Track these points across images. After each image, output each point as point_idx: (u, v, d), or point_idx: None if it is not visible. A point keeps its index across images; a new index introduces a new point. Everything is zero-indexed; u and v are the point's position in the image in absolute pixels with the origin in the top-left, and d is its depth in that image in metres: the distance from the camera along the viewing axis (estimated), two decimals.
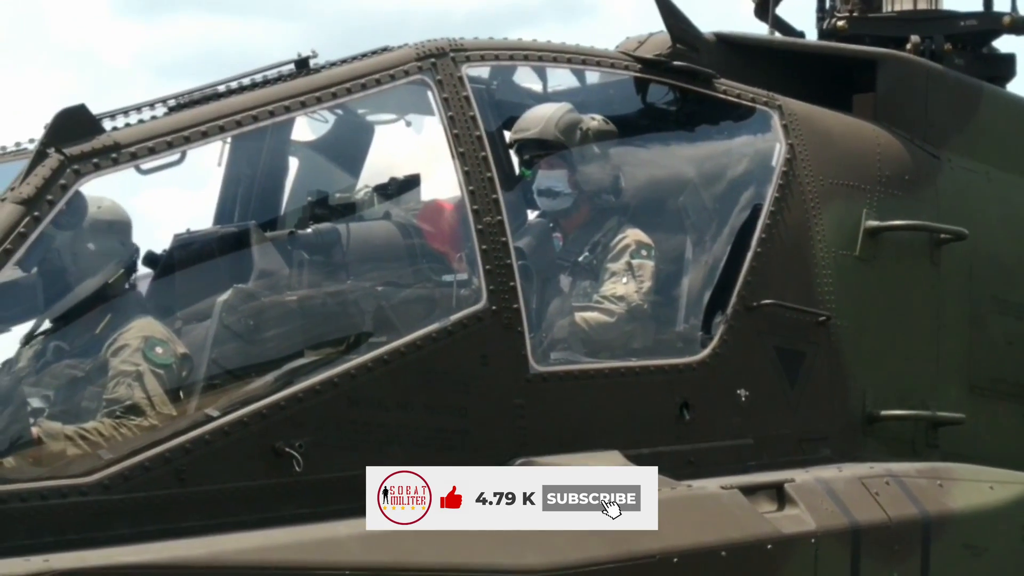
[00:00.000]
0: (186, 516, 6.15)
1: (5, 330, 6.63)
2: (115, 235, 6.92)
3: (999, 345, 8.69)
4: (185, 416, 6.38)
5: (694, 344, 7.62)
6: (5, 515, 5.87)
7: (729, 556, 6.95)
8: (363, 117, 8.14)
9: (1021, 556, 7.85)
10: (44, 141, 6.44)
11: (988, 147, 8.90)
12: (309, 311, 6.91)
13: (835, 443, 7.86)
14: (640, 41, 8.29)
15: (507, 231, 7.07)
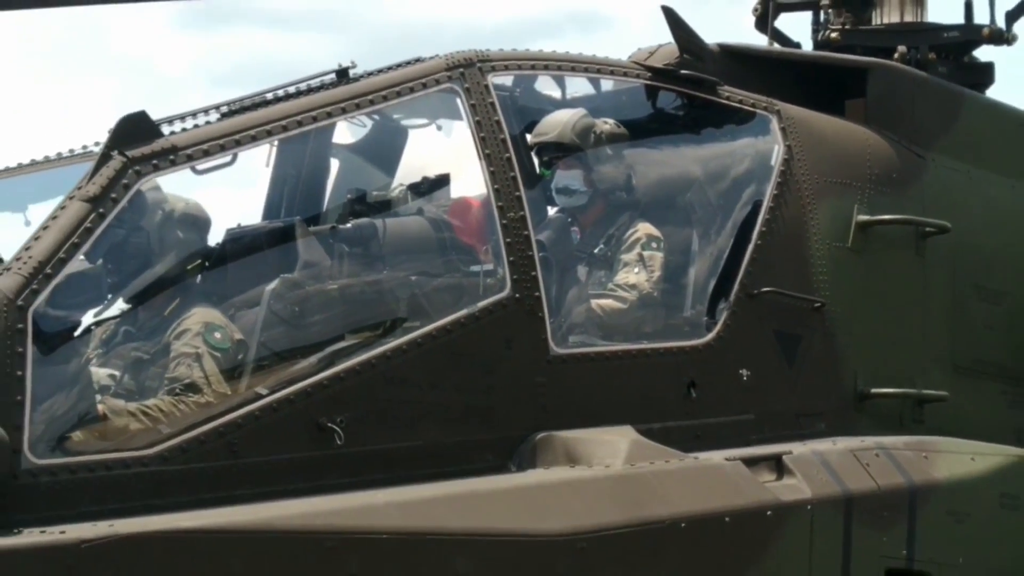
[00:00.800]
0: (238, 485, 6.17)
1: (74, 317, 6.63)
2: (196, 230, 6.97)
3: (979, 329, 8.67)
4: (238, 394, 6.40)
5: (700, 328, 7.62)
6: (74, 484, 5.92)
7: (732, 521, 6.96)
8: (398, 122, 8.14)
9: (1000, 521, 7.83)
10: (108, 144, 6.47)
11: (969, 148, 8.88)
12: (349, 298, 6.93)
13: (829, 418, 7.86)
14: (650, 51, 8.26)
15: (529, 225, 7.08)
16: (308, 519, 6.12)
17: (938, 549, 7.57)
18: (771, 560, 7.07)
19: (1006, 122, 9.36)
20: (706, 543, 6.89)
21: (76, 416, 6.20)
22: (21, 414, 5.85)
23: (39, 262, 6.09)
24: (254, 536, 6.01)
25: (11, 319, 5.93)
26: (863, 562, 7.31)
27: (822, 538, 7.19)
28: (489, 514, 6.50)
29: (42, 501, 5.82)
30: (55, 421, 6.09)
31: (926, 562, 7.52)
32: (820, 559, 7.19)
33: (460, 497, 6.51)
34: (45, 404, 6.04)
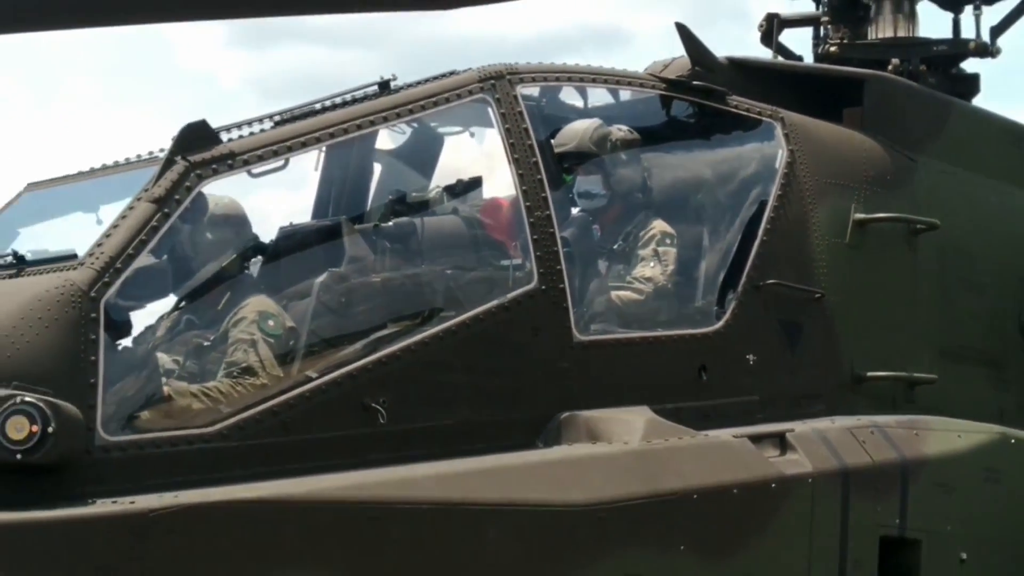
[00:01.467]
0: (290, 460, 6.20)
1: (141, 307, 6.67)
2: (231, 227, 6.98)
3: (964, 317, 8.64)
4: (290, 377, 6.43)
5: (710, 317, 7.61)
6: (142, 459, 5.97)
7: (740, 493, 6.97)
8: (434, 129, 8.15)
9: (983, 493, 7.82)
10: (172, 150, 6.52)
11: (956, 152, 8.84)
12: (391, 290, 6.95)
13: (828, 399, 7.84)
14: (665, 64, 8.25)
15: (554, 224, 7.08)
16: (354, 491, 6.15)
17: (928, 519, 7.56)
18: (775, 528, 7.08)
19: (990, 128, 9.33)
20: (716, 513, 6.89)
21: (143, 397, 6.26)
22: (94, 395, 5.90)
23: (110, 257, 6.14)
24: (305, 506, 6.04)
25: (85, 309, 5.97)
26: (859, 530, 7.30)
27: (822, 508, 7.18)
28: (518, 486, 6.52)
29: (113, 474, 5.86)
30: (125, 402, 6.14)
31: (917, 530, 7.51)
32: (820, 528, 7.19)
33: (491, 471, 6.53)
34: (115, 386, 6.09)
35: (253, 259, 7.10)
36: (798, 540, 7.13)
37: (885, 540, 7.41)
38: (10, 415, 5.62)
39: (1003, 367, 8.86)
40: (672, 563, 6.74)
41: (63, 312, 5.96)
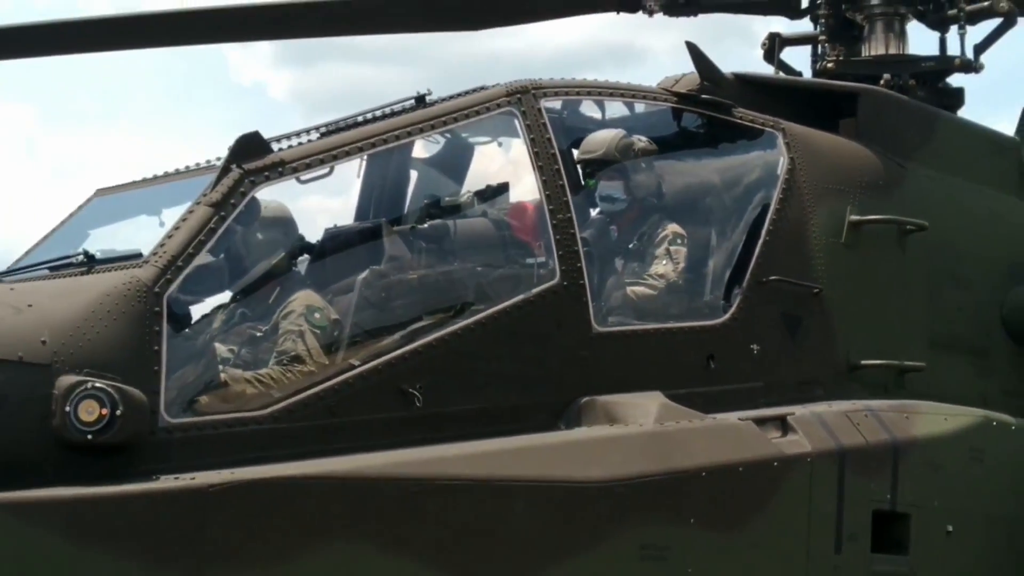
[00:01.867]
0: (335, 440, 6.22)
1: (200, 301, 6.70)
2: (280, 229, 7.01)
3: (951, 310, 8.62)
4: (334, 365, 6.45)
5: (717, 310, 7.60)
6: (201, 439, 6.00)
7: (745, 471, 6.97)
8: (465, 139, 8.13)
9: (968, 471, 7.79)
10: (228, 159, 6.54)
11: (943, 159, 8.82)
12: (426, 286, 6.96)
13: (825, 386, 7.82)
14: (676, 80, 8.24)
15: (575, 225, 7.08)
16: (393, 468, 6.17)
17: (917, 494, 7.54)
18: (777, 503, 7.07)
19: (974, 138, 9.30)
20: (723, 489, 6.89)
21: (202, 383, 6.28)
22: (158, 381, 5.93)
23: (172, 256, 6.17)
24: (348, 482, 6.07)
25: (149, 303, 6.01)
26: (854, 505, 7.29)
27: (820, 485, 7.17)
28: (542, 464, 6.53)
29: (175, 453, 5.91)
30: (185, 387, 6.16)
31: (907, 505, 7.49)
32: (818, 502, 7.18)
33: (517, 450, 6.54)
34: (177, 373, 6.12)
35: (301, 258, 7.13)
36: (798, 514, 7.12)
37: (878, 514, 7.39)
38: (82, 399, 5.66)
39: (986, 356, 8.83)
40: (682, 535, 6.75)
41: (129, 306, 5.99)
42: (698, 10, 9.52)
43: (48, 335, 5.81)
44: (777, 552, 7.06)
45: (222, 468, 5.88)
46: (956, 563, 7.66)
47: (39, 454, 5.66)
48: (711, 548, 6.82)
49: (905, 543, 7.48)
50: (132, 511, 5.70)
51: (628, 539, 6.61)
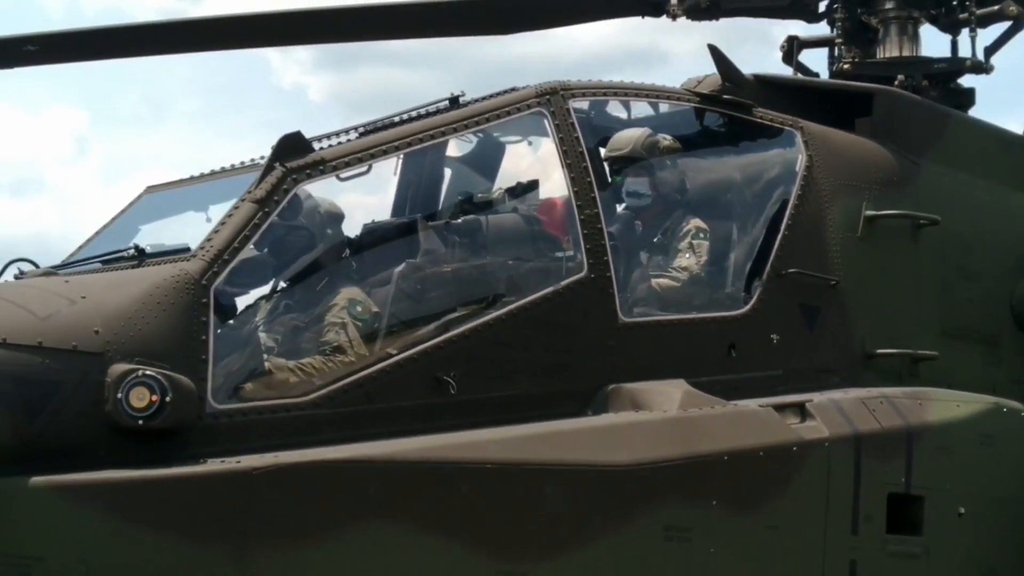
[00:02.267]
0: (372, 426, 6.20)
1: (245, 293, 6.69)
2: (332, 223, 7.01)
3: (962, 301, 8.55)
4: (373, 354, 6.42)
5: (739, 301, 7.55)
6: (246, 425, 6.00)
7: (765, 455, 6.92)
8: (497, 139, 8.11)
9: (979, 455, 7.72)
10: (271, 157, 6.53)
11: (954, 156, 8.75)
12: (459, 279, 6.93)
13: (842, 374, 7.76)
14: (698, 80, 8.22)
15: (601, 220, 7.04)
16: (428, 452, 6.15)
17: (930, 477, 7.47)
18: (796, 486, 7.02)
19: (984, 136, 9.22)
20: (744, 472, 6.84)
21: (247, 371, 6.28)
22: (205, 369, 5.93)
23: (218, 250, 6.17)
24: (386, 465, 6.05)
25: (197, 295, 6.01)
26: (870, 488, 7.24)
27: (837, 469, 7.11)
28: (570, 448, 6.50)
29: (221, 438, 5.91)
30: (231, 375, 6.16)
31: (920, 488, 7.42)
32: (835, 486, 7.12)
33: (547, 435, 6.51)
34: (223, 361, 6.12)
35: (343, 252, 7.12)
36: (816, 497, 7.06)
37: (893, 496, 7.33)
38: (133, 386, 5.66)
39: (996, 345, 8.76)
40: (705, 516, 6.70)
41: (178, 297, 5.99)
42: (719, 14, 9.49)
43: (101, 325, 5.81)
44: (796, 533, 7.01)
45: (266, 452, 5.88)
46: (968, 543, 7.60)
47: (92, 438, 5.67)
48: (733, 529, 6.78)
49: (919, 524, 7.42)
50: (180, 493, 5.71)
51: (653, 520, 6.57)
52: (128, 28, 9.58)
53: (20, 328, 5.70)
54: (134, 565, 5.62)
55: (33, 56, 9.02)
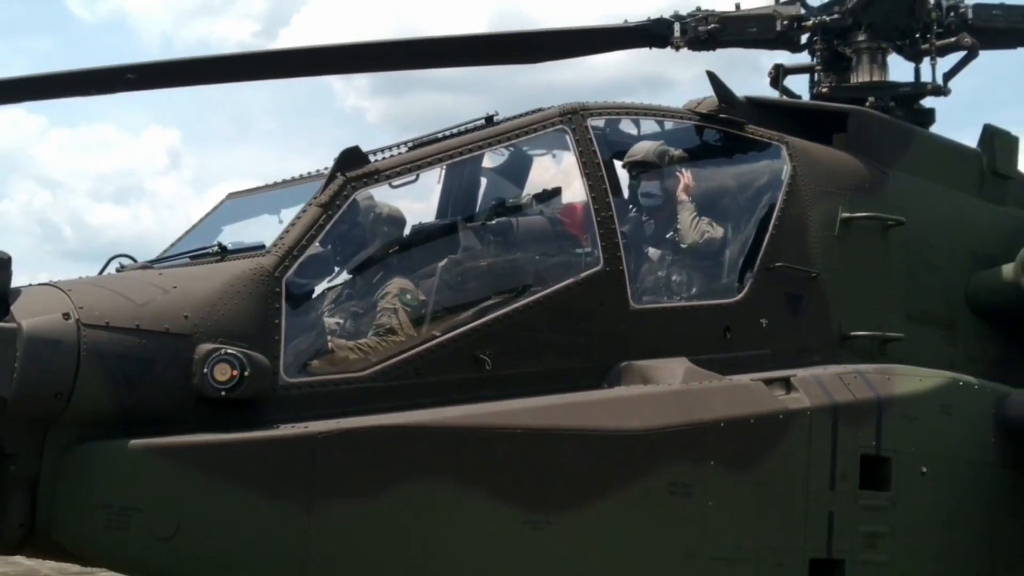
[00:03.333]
0: (421, 397, 6.20)
1: (311, 283, 6.68)
2: (396, 226, 7.01)
3: (924, 291, 8.47)
4: (421, 335, 6.40)
5: (733, 290, 7.48)
6: (312, 395, 6.00)
7: (756, 422, 6.87)
8: (526, 152, 8.05)
9: (939, 422, 7.62)
10: (334, 168, 6.54)
11: (917, 166, 8.67)
12: (494, 271, 6.89)
13: (821, 352, 7.69)
14: (698, 102, 8.19)
15: (615, 222, 7.00)
16: (468, 419, 6.15)
17: (896, 441, 7.39)
18: (782, 449, 6.96)
19: (943, 149, 9.13)
20: (737, 437, 6.79)
21: (313, 349, 6.27)
22: (278, 348, 5.95)
23: (289, 247, 6.19)
24: (432, 430, 6.06)
25: (271, 285, 6.03)
26: (845, 450, 7.17)
27: (817, 434, 7.05)
28: (589, 416, 6.47)
29: (291, 407, 5.91)
30: (300, 353, 6.16)
31: (888, 450, 7.35)
32: (816, 448, 7.06)
33: (569, 405, 6.48)
34: (293, 341, 6.12)
35: (395, 249, 7.10)
36: (799, 457, 7.00)
37: (864, 457, 7.26)
38: (217, 363, 5.69)
39: (953, 328, 8.68)
40: (704, 474, 6.66)
41: (255, 287, 6.01)
42: (716, 46, 9.48)
43: (190, 311, 5.83)
44: (782, 489, 6.95)
45: (329, 419, 5.88)
46: (929, 498, 7.53)
47: (182, 407, 5.69)
48: (728, 485, 6.74)
49: (887, 481, 7.34)
50: (257, 453, 5.72)
51: (659, 478, 6.54)
52: (213, 59, 9.59)
53: (121, 313, 5.71)
54: (217, 514, 5.64)
55: (132, 83, 9.03)
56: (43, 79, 9.01)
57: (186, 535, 5.55)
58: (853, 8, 9.21)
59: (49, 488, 5.52)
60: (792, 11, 9.43)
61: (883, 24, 9.27)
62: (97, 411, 5.54)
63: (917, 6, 9.23)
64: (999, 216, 9.17)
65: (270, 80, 9.96)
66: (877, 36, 9.32)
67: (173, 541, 5.53)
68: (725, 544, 6.72)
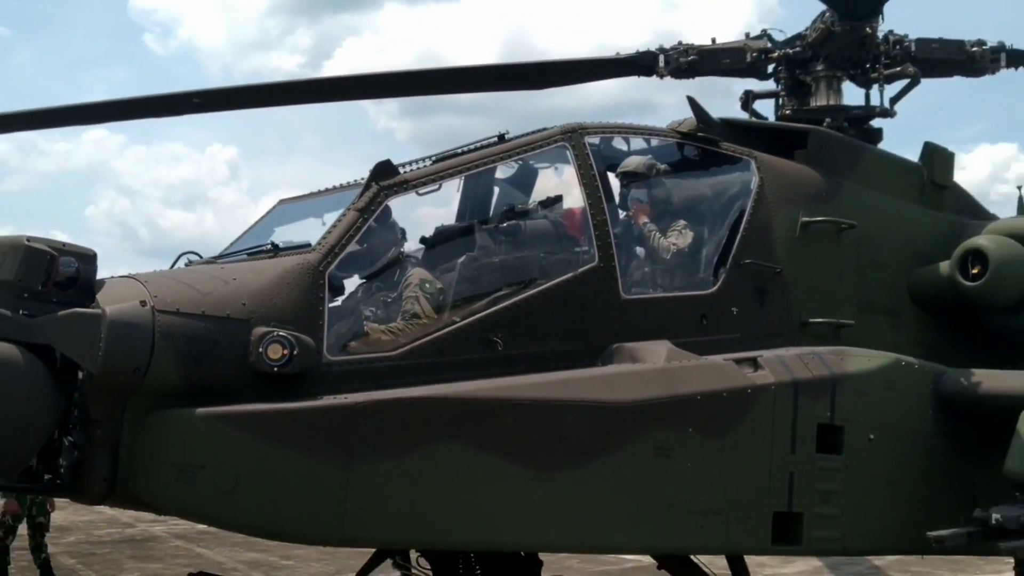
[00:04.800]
0: (442, 373, 6.20)
1: (350, 276, 6.70)
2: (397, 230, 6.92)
3: (872, 284, 8.46)
4: (441, 320, 6.40)
5: (708, 283, 7.47)
6: (351, 371, 6.01)
7: (728, 396, 6.87)
8: (532, 165, 8.05)
9: (884, 396, 7.60)
10: (369, 178, 6.55)
11: (867, 178, 8.65)
12: (505, 267, 6.88)
13: (784, 337, 7.68)
14: (679, 123, 8.13)
15: (608, 225, 7.00)
16: (482, 392, 6.15)
17: (848, 412, 7.39)
18: (750, 418, 6.96)
19: (889, 163, 9.11)
20: (712, 408, 6.79)
21: (351, 332, 6.28)
22: (321, 331, 5.96)
23: (331, 245, 6.20)
24: (452, 401, 6.06)
25: (316, 277, 6.05)
26: (804, 420, 7.17)
27: (780, 405, 7.05)
28: (585, 390, 6.47)
29: (332, 381, 5.92)
30: (340, 335, 6.17)
31: (841, 420, 7.34)
32: (779, 418, 7.06)
33: (568, 380, 6.48)
34: (334, 325, 6.13)
35: (418, 246, 7.11)
36: (764, 426, 7.01)
37: (821, 426, 7.26)
38: (270, 343, 5.71)
39: (897, 316, 8.66)
40: (683, 439, 6.67)
41: (302, 279, 6.02)
42: (695, 75, 9.51)
43: (247, 299, 5.85)
44: (750, 452, 6.96)
45: (364, 391, 5.89)
46: (875, 460, 7.53)
47: (240, 381, 5.71)
48: (703, 449, 6.74)
49: (840, 446, 7.34)
50: (303, 420, 5.73)
51: (645, 442, 6.54)
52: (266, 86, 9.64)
53: (189, 301, 5.75)
54: (270, 471, 5.66)
55: (197, 106, 9.08)
56: (123, 103, 9.07)
57: (243, 488, 5.59)
58: (812, 42, 9.23)
59: (128, 449, 5.56)
60: (760, 45, 9.47)
61: (838, 56, 9.26)
62: (168, 384, 5.58)
63: (867, 40, 9.22)
64: (937, 220, 9.14)
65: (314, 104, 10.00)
66: (833, 66, 9.31)
67: (232, 493, 5.57)
68: (701, 499, 6.73)
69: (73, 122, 10.21)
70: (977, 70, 9.69)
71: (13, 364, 5.32)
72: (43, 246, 5.61)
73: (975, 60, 9.59)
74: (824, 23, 9.10)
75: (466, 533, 6.17)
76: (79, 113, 9.23)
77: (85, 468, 5.59)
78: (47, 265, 5.58)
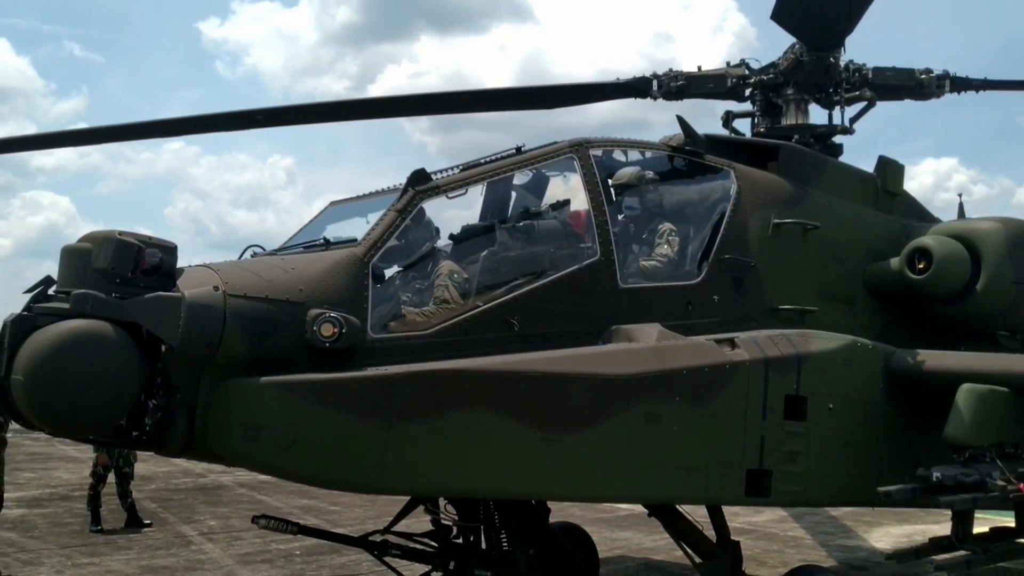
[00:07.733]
0: (467, 349, 6.19)
1: (390, 267, 6.70)
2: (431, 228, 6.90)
3: (832, 276, 8.45)
4: (467, 305, 6.39)
5: (693, 275, 7.46)
6: (391, 348, 6.01)
7: (709, 371, 6.86)
8: (544, 173, 8.05)
9: (842, 371, 7.59)
10: (406, 184, 6.54)
11: (829, 186, 8.64)
12: (521, 260, 6.86)
13: (757, 321, 7.67)
14: (670, 138, 8.15)
15: (609, 225, 6.98)
16: (500, 365, 6.14)
17: (811, 385, 7.39)
18: (728, 390, 6.96)
19: (847, 174, 9.08)
20: (695, 381, 6.79)
21: (391, 314, 6.26)
22: (366, 313, 5.96)
23: (374, 240, 6.20)
24: (476, 374, 6.04)
25: (361, 267, 6.05)
26: (773, 391, 7.17)
27: (754, 379, 7.06)
28: (588, 364, 6.46)
29: (375, 356, 5.92)
30: (382, 316, 6.15)
31: (805, 392, 7.35)
32: (752, 389, 7.06)
33: (573, 356, 6.47)
34: (377, 308, 6.11)
35: (447, 242, 7.12)
36: (740, 396, 7.01)
37: (788, 397, 7.26)
38: (323, 323, 5.71)
39: (854, 304, 8.64)
40: (671, 407, 6.67)
41: (350, 269, 6.03)
42: (684, 97, 9.53)
43: (303, 285, 5.86)
44: (727, 418, 6.96)
45: (402, 364, 5.90)
46: (834, 426, 7.53)
47: (297, 355, 5.72)
48: (688, 415, 6.74)
49: (804, 414, 7.34)
50: (351, 388, 5.74)
51: (638, 409, 6.54)
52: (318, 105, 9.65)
53: (255, 286, 5.76)
54: (322, 431, 5.68)
55: (260, 122, 9.09)
56: (197, 119, 9.09)
57: (300, 445, 5.61)
58: (784, 70, 9.24)
59: (203, 411, 5.60)
60: (739, 72, 9.47)
61: (806, 81, 9.25)
62: (237, 356, 5.60)
63: (831, 68, 9.22)
64: (889, 223, 9.12)
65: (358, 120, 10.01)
66: (801, 90, 9.30)
67: (291, 449, 5.59)
68: (685, 458, 6.73)
69: (155, 135, 10.24)
70: (925, 94, 9.67)
71: (107, 339, 5.37)
72: (132, 239, 5.65)
73: (923, 86, 9.58)
74: (794, 54, 9.10)
75: (486, 484, 6.19)
76: (160, 127, 9.28)
77: (166, 427, 5.63)
78: (135, 255, 5.62)
